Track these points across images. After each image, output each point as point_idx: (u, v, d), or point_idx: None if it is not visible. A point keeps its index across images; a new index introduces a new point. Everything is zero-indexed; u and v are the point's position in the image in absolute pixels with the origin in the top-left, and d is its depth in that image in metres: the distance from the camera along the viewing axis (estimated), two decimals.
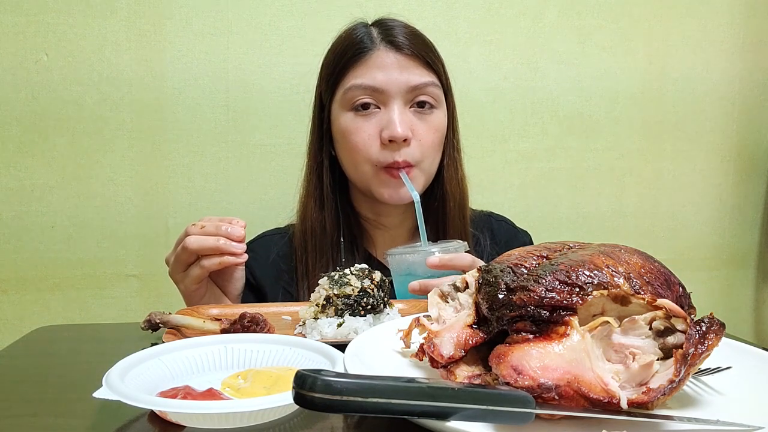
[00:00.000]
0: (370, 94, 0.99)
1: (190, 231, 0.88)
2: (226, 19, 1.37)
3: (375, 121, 0.99)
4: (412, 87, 0.99)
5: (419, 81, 1.00)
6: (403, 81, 0.99)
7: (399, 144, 0.98)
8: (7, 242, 1.34)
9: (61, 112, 1.33)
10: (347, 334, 0.68)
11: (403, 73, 0.99)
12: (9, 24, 1.30)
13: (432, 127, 1.02)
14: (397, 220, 1.10)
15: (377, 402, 0.38)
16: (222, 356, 0.58)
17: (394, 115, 0.98)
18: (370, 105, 0.99)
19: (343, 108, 1.02)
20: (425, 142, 1.01)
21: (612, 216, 1.59)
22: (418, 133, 1.00)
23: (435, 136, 1.02)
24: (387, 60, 0.99)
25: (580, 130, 1.55)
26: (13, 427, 0.49)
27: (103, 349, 0.73)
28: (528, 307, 0.46)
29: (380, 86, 0.98)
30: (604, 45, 1.54)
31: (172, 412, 0.46)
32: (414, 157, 1.00)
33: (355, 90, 0.99)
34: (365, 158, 1.00)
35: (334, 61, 1.03)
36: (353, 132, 1.00)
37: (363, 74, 0.99)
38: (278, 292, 1.04)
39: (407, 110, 1.00)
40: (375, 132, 0.99)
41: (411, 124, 1.00)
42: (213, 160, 1.40)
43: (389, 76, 0.99)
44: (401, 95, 0.99)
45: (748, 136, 1.64)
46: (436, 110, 1.03)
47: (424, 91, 1.00)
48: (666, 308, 0.45)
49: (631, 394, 0.43)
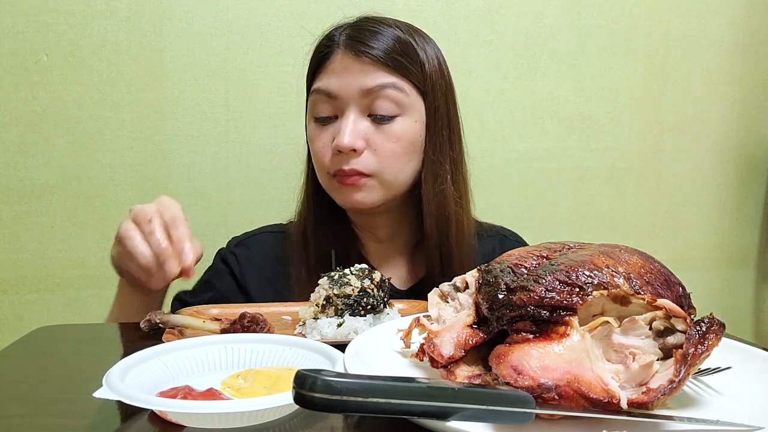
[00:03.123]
0: (327, 99, 0.95)
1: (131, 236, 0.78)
2: (226, 19, 1.37)
3: (331, 130, 0.96)
4: (365, 91, 0.93)
5: (373, 84, 0.93)
6: (356, 85, 0.93)
7: (348, 154, 0.93)
8: (7, 242, 1.34)
9: (61, 112, 1.33)
10: (347, 334, 0.68)
11: (359, 77, 0.93)
12: (9, 24, 1.29)
13: (391, 137, 0.94)
14: (387, 232, 1.05)
15: (377, 402, 0.38)
16: (222, 356, 0.58)
17: (343, 125, 0.93)
18: (329, 118, 0.96)
19: (310, 114, 1.00)
20: (382, 152, 0.94)
21: (612, 216, 1.59)
22: (374, 143, 0.94)
23: (396, 146, 0.94)
24: (344, 64, 0.94)
25: (580, 130, 1.55)
26: (13, 427, 0.49)
27: (103, 349, 0.73)
28: (528, 307, 0.46)
29: (334, 91, 0.94)
30: (604, 45, 1.54)
31: (172, 412, 0.46)
32: (368, 167, 0.94)
33: (315, 95, 0.97)
34: (321, 166, 0.97)
35: (309, 64, 1.01)
36: (312, 140, 0.98)
37: (322, 79, 0.96)
38: (269, 294, 0.99)
39: (363, 118, 0.94)
40: (329, 141, 0.95)
41: (365, 133, 0.93)
42: (213, 160, 1.40)
43: (343, 80, 0.94)
44: (355, 101, 0.93)
45: (748, 136, 1.64)
46: (401, 117, 0.95)
47: (380, 94, 0.93)
48: (666, 308, 0.45)
49: (631, 394, 0.43)
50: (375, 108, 0.94)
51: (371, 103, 0.94)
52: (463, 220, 1.00)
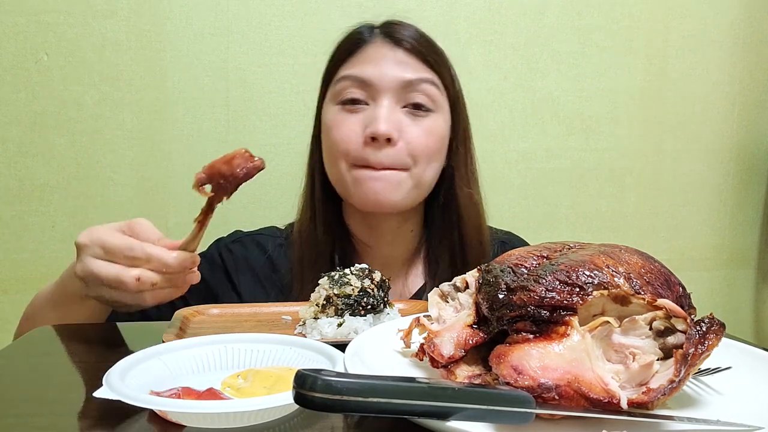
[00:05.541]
0: (359, 86, 0.91)
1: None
2: (226, 19, 1.37)
3: (361, 116, 0.91)
4: (404, 82, 0.91)
5: (413, 76, 0.91)
6: (395, 75, 0.91)
7: (381, 143, 0.89)
8: (7, 242, 1.34)
9: (61, 112, 1.33)
10: (347, 334, 0.68)
11: (397, 68, 0.91)
12: (9, 24, 1.30)
13: (426, 131, 0.92)
14: (389, 245, 1.01)
15: (377, 402, 0.38)
16: (222, 356, 0.58)
17: (379, 111, 0.89)
18: (359, 101, 0.91)
19: (331, 101, 0.94)
20: (416, 146, 0.91)
21: (612, 216, 1.59)
22: (408, 135, 0.91)
23: (429, 141, 0.92)
24: (381, 52, 0.92)
25: (580, 130, 1.55)
26: (13, 427, 0.49)
27: (103, 349, 0.73)
28: (528, 307, 0.46)
29: (369, 79, 0.90)
30: (604, 45, 1.54)
31: (172, 412, 0.46)
32: (401, 160, 0.90)
33: (344, 81, 0.92)
34: (343, 153, 0.91)
35: (332, 55, 0.98)
36: (335, 126, 0.92)
37: (354, 66, 0.93)
38: (260, 297, 0.96)
39: (398, 109, 0.91)
40: (359, 128, 0.90)
41: (400, 123, 0.90)
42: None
43: (381, 68, 0.91)
44: (392, 91, 0.91)
45: (748, 136, 1.64)
46: (434, 113, 0.93)
47: (418, 88, 0.91)
48: (666, 308, 0.45)
49: (631, 394, 0.43)
50: (412, 99, 0.92)
51: (407, 95, 0.91)
52: (487, 226, 1.03)
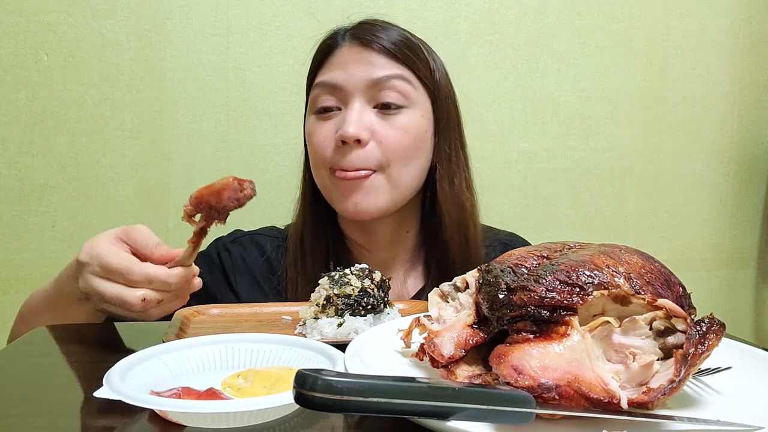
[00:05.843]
0: (331, 92, 0.92)
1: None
2: (226, 19, 1.37)
3: (334, 122, 0.92)
4: (372, 81, 0.90)
5: (381, 74, 0.90)
6: (362, 76, 0.90)
7: (351, 146, 0.89)
8: (7, 242, 1.34)
9: (61, 112, 1.33)
10: (347, 334, 0.68)
11: (366, 68, 0.90)
12: (9, 24, 1.30)
13: (399, 129, 0.91)
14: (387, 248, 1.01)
15: (378, 402, 0.38)
16: (222, 356, 0.58)
17: (348, 114, 0.89)
18: (331, 108, 0.92)
19: (310, 111, 0.96)
20: (388, 145, 0.90)
21: (612, 216, 1.59)
22: (379, 135, 0.90)
23: (403, 139, 0.91)
24: (350, 55, 0.92)
25: (580, 130, 1.55)
26: (13, 427, 0.49)
27: (103, 349, 0.73)
28: (528, 307, 0.46)
29: (339, 83, 0.91)
30: (604, 45, 1.54)
31: (172, 412, 0.46)
32: (373, 159, 0.90)
33: (317, 89, 0.93)
34: (321, 161, 0.93)
35: (310, 64, 0.99)
36: (311, 135, 0.94)
37: (326, 72, 0.94)
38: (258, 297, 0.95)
39: (369, 109, 0.91)
40: (331, 134, 0.91)
41: (370, 124, 0.90)
42: (213, 160, 1.40)
43: (348, 71, 0.91)
44: (362, 92, 0.90)
45: (748, 136, 1.64)
46: (407, 110, 0.92)
47: (387, 85, 0.90)
48: (666, 308, 0.45)
49: (632, 394, 0.43)
50: (381, 98, 0.91)
51: (377, 94, 0.91)
52: (478, 225, 1.00)
